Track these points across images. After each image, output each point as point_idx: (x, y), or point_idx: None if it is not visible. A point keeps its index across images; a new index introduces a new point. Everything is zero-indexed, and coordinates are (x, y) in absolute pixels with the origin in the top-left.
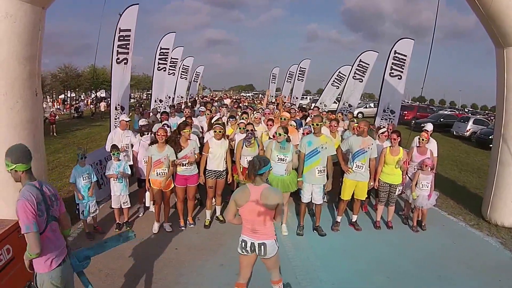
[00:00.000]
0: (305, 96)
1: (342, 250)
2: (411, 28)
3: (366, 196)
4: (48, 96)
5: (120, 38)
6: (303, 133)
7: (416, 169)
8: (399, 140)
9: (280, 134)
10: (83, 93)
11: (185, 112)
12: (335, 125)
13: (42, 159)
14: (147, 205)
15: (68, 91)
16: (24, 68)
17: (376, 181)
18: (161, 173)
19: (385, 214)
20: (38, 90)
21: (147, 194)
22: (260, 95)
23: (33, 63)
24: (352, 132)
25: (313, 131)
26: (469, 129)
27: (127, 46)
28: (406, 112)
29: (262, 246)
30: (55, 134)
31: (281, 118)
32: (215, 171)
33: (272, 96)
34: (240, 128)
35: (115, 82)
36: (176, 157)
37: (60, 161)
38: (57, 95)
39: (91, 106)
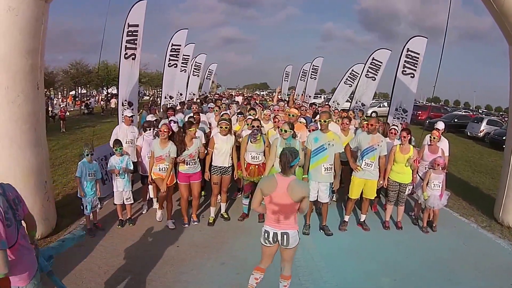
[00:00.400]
0: (319, 95)
1: (349, 250)
2: (427, 29)
3: (376, 195)
4: (59, 93)
5: (129, 33)
6: (309, 130)
7: (427, 168)
8: (409, 138)
9: (285, 131)
10: (94, 90)
11: (193, 108)
12: (347, 123)
13: (44, 154)
14: (150, 196)
15: (79, 88)
16: (26, 62)
17: (386, 180)
18: (163, 168)
19: (395, 214)
20: (40, 83)
21: (150, 187)
22: (274, 93)
23: (36, 56)
24: (362, 129)
25: (320, 128)
26: (483, 130)
27: (135, 42)
28: (420, 112)
29: (285, 236)
30: (64, 130)
31: (289, 115)
32: (220, 167)
33: (285, 94)
34: (247, 124)
35: (123, 77)
36: (178, 156)
37: (67, 156)
38: (68, 91)
39: (102, 102)
